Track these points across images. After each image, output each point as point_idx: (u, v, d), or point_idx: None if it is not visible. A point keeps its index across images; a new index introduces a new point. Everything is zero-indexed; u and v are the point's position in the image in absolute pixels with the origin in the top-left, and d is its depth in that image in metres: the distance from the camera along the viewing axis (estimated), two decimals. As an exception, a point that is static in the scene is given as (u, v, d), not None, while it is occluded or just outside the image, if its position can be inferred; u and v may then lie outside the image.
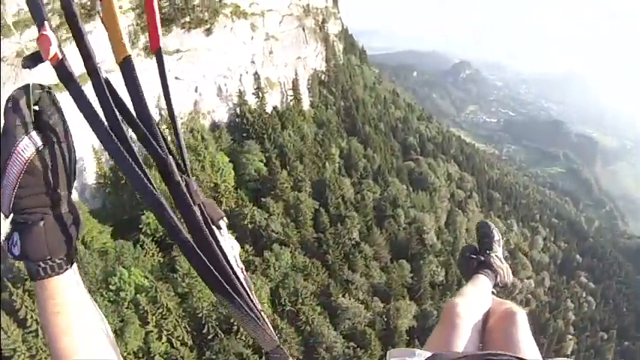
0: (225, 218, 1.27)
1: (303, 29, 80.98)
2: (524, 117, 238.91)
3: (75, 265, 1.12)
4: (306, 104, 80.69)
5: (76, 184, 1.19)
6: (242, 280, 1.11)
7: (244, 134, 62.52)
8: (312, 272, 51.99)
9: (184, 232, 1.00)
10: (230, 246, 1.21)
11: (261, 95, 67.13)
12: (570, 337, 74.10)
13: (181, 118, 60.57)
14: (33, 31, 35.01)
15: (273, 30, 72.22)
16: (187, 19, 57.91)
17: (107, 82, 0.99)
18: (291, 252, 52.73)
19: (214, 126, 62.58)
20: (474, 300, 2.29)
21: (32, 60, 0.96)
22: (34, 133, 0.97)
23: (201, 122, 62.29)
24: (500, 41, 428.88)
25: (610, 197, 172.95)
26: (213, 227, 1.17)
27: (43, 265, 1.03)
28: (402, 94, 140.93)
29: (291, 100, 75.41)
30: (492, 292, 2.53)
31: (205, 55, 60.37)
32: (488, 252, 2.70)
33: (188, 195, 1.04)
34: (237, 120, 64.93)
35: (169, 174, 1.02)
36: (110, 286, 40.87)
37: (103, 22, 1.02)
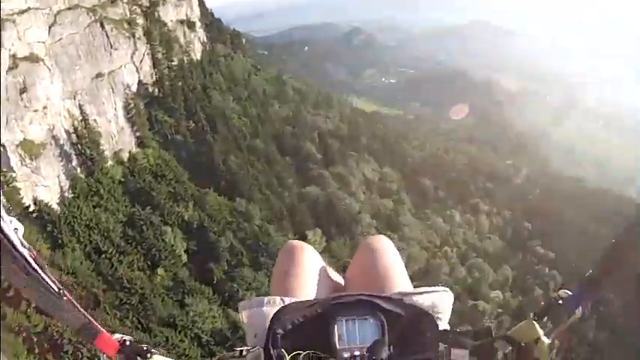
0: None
1: (102, 26, 51.35)
2: (425, 72, 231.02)
3: None
4: (126, 150, 52.62)
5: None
6: (29, 260, 1.10)
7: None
8: None
9: None
10: (13, 228, 1.17)
11: None
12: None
13: None
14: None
15: (29, 45, 42.32)
16: None
17: None
18: None
19: None
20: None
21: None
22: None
23: None
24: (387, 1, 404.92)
25: (526, 137, 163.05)
26: None
27: None
28: (293, 75, 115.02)
29: (82, 163, 46.78)
30: None
31: None
32: None
33: None
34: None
35: None
36: None
37: None
